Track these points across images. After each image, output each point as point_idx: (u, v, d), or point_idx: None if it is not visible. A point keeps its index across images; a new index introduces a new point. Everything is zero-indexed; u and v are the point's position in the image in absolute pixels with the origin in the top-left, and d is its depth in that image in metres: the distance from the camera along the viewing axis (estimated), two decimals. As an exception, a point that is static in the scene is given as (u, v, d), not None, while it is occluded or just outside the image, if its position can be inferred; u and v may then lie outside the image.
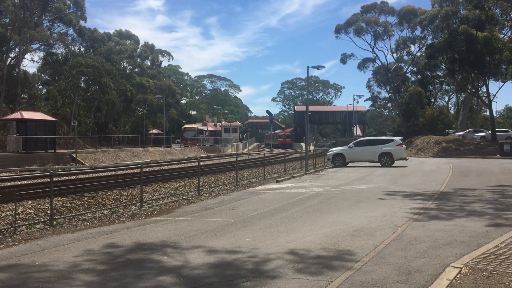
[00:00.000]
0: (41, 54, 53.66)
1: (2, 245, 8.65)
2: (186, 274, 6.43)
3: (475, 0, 44.68)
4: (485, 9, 43.95)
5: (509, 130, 53.67)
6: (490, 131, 48.53)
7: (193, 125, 73.45)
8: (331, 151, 32.46)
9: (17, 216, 11.16)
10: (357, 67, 70.92)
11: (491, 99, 49.58)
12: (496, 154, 40.80)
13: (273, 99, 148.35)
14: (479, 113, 75.33)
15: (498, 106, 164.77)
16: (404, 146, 31.45)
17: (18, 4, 45.08)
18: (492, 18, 43.81)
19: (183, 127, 72.25)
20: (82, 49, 61.49)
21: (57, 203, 13.00)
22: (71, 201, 13.89)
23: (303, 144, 60.69)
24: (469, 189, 16.48)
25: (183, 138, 66.12)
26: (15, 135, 32.24)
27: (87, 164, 33.13)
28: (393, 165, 29.09)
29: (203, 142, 68.71)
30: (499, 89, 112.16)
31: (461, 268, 6.38)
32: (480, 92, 55.74)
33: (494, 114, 55.44)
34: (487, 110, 57.93)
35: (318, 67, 28.22)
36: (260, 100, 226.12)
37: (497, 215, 10.79)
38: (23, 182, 17.69)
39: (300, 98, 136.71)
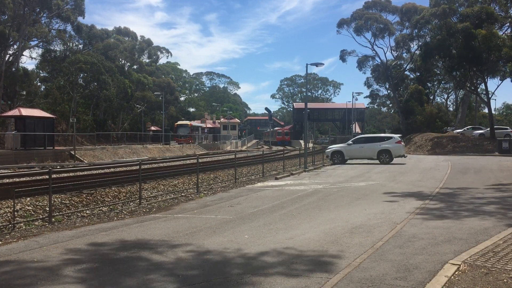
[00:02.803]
0: (40, 51, 53.64)
1: (0, 242, 8.64)
2: (183, 271, 6.43)
3: None
4: (483, 4, 43.89)
5: (508, 127, 53.70)
6: (488, 129, 48.58)
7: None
8: (330, 148, 32.45)
9: (15, 213, 11.14)
10: (356, 65, 70.95)
11: (490, 96, 49.64)
12: (494, 151, 40.83)
13: (272, 96, 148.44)
14: (477, 111, 75.43)
15: (496, 103, 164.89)
16: (402, 143, 31.46)
17: (18, 1, 44.98)
18: (490, 15, 43.76)
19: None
20: (80, 46, 61.38)
21: (55, 200, 12.98)
22: (70, 198, 13.87)
23: (302, 142, 60.76)
24: (467, 186, 16.50)
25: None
26: (13, 132, 32.18)
27: (86, 161, 33.09)
28: (392, 162, 29.10)
29: (199, 139, 68.08)
30: (498, 86, 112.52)
31: (460, 265, 6.39)
32: (479, 89, 55.77)
33: (493, 112, 55.43)
34: (486, 107, 58.01)
35: (317, 65, 28.21)
36: (259, 97, 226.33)
37: (495, 213, 10.80)
38: (22, 179, 17.65)
39: (299, 95, 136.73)
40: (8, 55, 47.66)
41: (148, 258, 7.14)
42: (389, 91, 74.92)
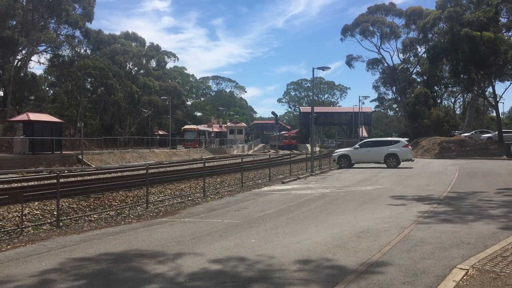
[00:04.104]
0: (48, 56, 53.99)
1: (9, 246, 8.70)
2: (190, 277, 6.43)
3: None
4: (489, 8, 43.68)
5: (516, 131, 53.30)
6: (496, 132, 48.28)
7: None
8: (336, 152, 32.40)
9: (23, 217, 11.21)
10: (365, 68, 70.76)
11: (498, 100, 49.34)
12: (502, 155, 40.55)
13: (279, 100, 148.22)
14: (485, 114, 74.94)
15: (504, 107, 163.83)
16: (410, 147, 31.36)
17: (27, 7, 45.40)
18: (495, 18, 43.54)
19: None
20: (88, 51, 61.77)
21: (63, 204, 13.05)
22: (77, 202, 13.95)
23: (308, 145, 60.68)
24: (475, 191, 16.39)
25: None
26: (21, 137, 32.41)
27: (93, 166, 33.25)
28: (399, 166, 28.99)
29: (205, 143, 68.22)
30: (506, 89, 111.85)
31: (468, 269, 6.35)
32: (486, 92, 55.48)
33: (501, 115, 55.07)
34: (494, 111, 57.65)
35: (323, 68, 28.19)
36: (265, 101, 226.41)
37: (504, 217, 10.72)
38: (30, 184, 17.77)
39: (305, 99, 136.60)
40: (17, 60, 48.07)
41: (155, 262, 7.15)
42: (396, 95, 74.72)
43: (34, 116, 33.76)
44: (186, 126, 71.10)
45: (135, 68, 71.81)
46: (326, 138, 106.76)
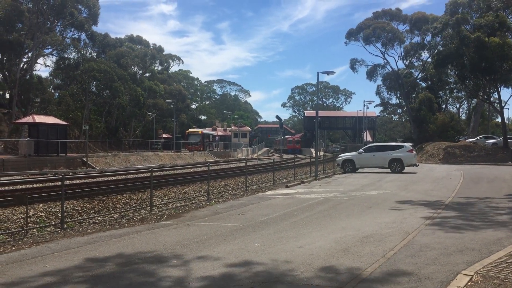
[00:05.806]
0: (54, 58, 54.24)
1: (13, 248, 8.73)
2: (194, 280, 6.44)
3: (486, 7, 44.56)
4: (497, 12, 43.62)
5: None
6: (501, 138, 48.10)
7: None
8: (340, 156, 32.37)
9: (28, 219, 11.25)
10: (366, 75, 70.19)
11: (503, 105, 49.16)
12: (507, 161, 40.37)
13: (283, 105, 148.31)
14: (490, 120, 74.66)
15: (509, 112, 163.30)
16: (414, 152, 31.27)
17: (33, 10, 45.69)
18: (503, 24, 43.45)
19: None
20: (94, 54, 62.04)
21: (68, 206, 13.09)
22: (82, 205, 13.98)
23: (312, 150, 60.64)
24: (480, 196, 16.33)
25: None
26: (27, 139, 32.56)
27: (98, 168, 33.33)
28: (403, 171, 28.91)
29: (210, 146, 68.21)
30: (511, 95, 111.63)
31: (472, 275, 6.32)
32: (491, 98, 55.28)
33: (506, 121, 54.84)
34: (499, 116, 57.46)
35: (328, 73, 28.18)
36: (270, 105, 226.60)
37: (509, 223, 10.67)
38: (35, 185, 17.83)
39: (310, 103, 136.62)
40: (23, 63, 48.36)
41: (160, 265, 7.17)
42: (400, 100, 74.47)
43: (39, 119, 33.89)
44: (190, 130, 71.14)
45: (140, 71, 72.01)
46: (330, 143, 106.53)
